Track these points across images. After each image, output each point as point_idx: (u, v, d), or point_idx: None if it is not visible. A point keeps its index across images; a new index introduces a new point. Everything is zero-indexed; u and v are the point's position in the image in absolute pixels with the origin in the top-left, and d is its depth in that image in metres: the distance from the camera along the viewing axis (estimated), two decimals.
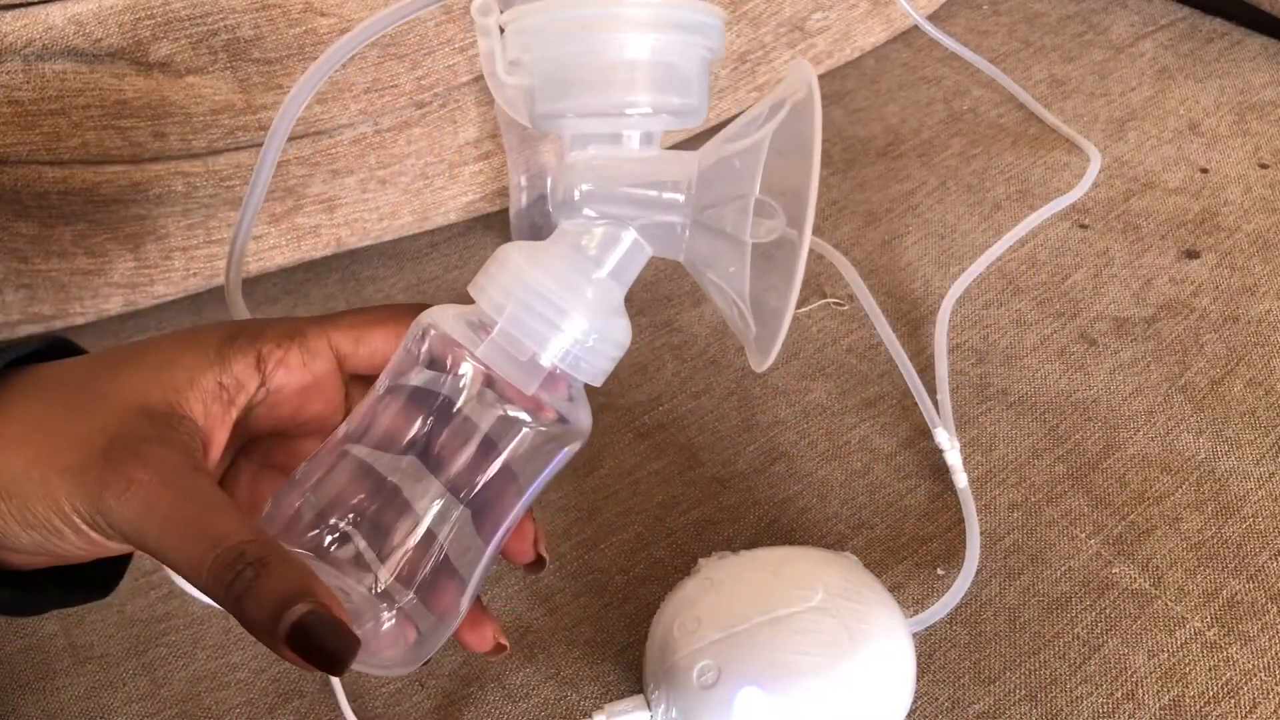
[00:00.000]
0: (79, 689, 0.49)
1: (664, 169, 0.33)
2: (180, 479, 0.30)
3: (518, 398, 0.33)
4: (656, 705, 0.44)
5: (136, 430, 0.31)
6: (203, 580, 0.29)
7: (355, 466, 0.33)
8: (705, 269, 0.34)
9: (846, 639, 0.43)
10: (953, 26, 0.85)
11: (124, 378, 0.32)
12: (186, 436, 0.31)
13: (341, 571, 0.32)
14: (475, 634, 0.36)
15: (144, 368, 0.32)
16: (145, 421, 0.31)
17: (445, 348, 0.33)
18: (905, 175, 0.74)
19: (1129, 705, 0.46)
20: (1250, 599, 0.50)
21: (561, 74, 0.33)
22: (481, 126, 0.68)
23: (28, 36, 0.56)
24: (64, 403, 0.32)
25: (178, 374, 0.32)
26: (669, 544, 0.53)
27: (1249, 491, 0.54)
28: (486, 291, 0.32)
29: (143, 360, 0.33)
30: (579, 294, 0.32)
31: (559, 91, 0.33)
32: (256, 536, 0.29)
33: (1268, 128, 0.75)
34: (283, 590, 0.28)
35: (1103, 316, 0.63)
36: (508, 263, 0.32)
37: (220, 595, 0.29)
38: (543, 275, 0.32)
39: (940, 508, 0.54)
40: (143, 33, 0.57)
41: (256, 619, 0.28)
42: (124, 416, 0.31)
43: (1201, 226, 0.68)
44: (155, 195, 0.61)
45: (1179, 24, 0.86)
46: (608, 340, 0.33)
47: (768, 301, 0.32)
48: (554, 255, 0.33)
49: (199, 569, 0.29)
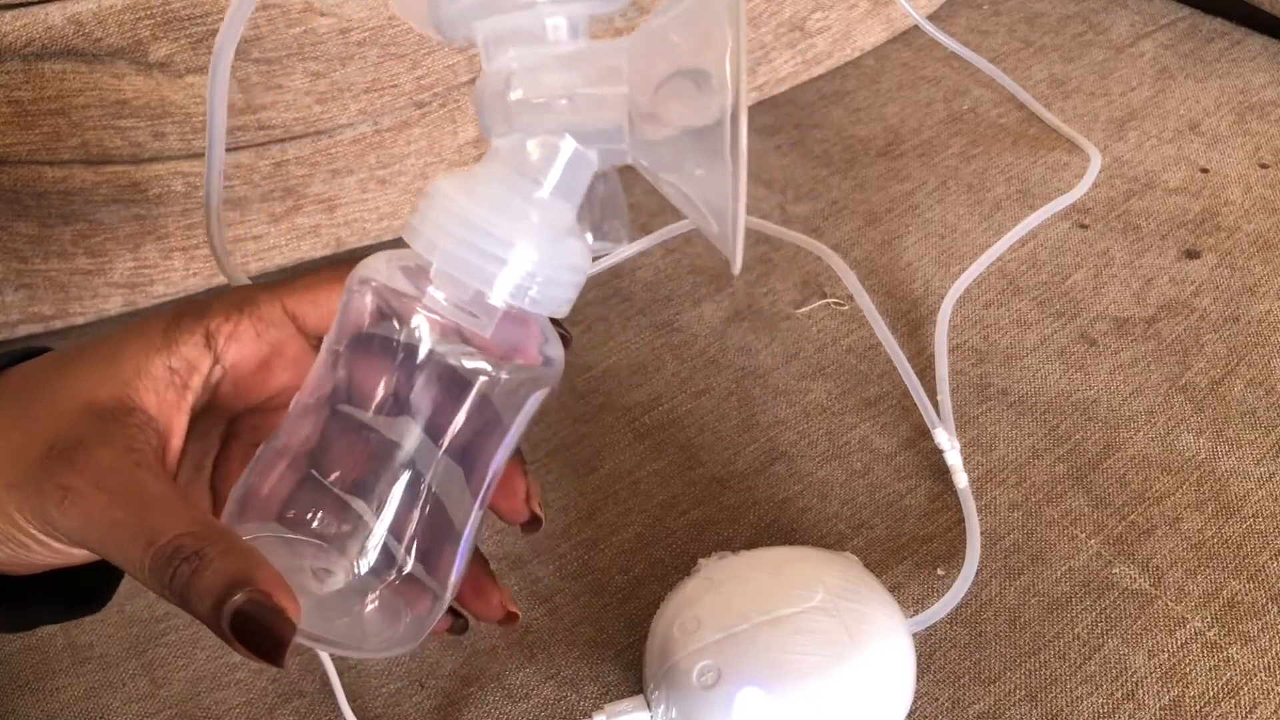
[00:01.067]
0: (78, 689, 0.49)
1: (596, 61, 0.29)
2: (115, 479, 0.29)
3: (479, 342, 0.30)
4: (656, 705, 0.44)
5: (75, 432, 0.30)
6: (148, 580, 0.28)
7: (322, 431, 0.31)
8: (658, 170, 0.30)
9: (847, 639, 0.43)
10: (953, 26, 0.85)
11: (71, 376, 0.32)
12: (135, 429, 0.31)
13: (325, 544, 0.30)
14: (482, 602, 0.35)
15: (93, 363, 0.32)
16: (87, 421, 0.30)
17: (390, 299, 0.30)
18: (905, 175, 0.74)
19: (1129, 705, 0.46)
20: (1251, 599, 0.50)
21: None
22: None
23: (27, 36, 0.56)
24: (11, 409, 0.31)
25: (124, 365, 0.31)
26: (669, 544, 0.53)
27: (1249, 491, 0.54)
28: (419, 232, 0.29)
29: (91, 356, 0.32)
30: (522, 219, 0.29)
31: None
32: (194, 529, 0.28)
33: (1268, 128, 0.75)
34: (222, 581, 0.27)
35: (1103, 316, 0.63)
36: (438, 195, 0.29)
37: (164, 593, 0.28)
38: (478, 205, 0.29)
39: (940, 508, 0.54)
40: (142, 32, 0.57)
41: (202, 614, 0.27)
42: (66, 418, 0.30)
43: (1202, 226, 0.68)
44: (155, 195, 0.61)
45: (1179, 24, 0.86)
46: (562, 266, 0.29)
47: (715, 196, 0.28)
48: (488, 180, 0.29)
49: (141, 569, 0.28)
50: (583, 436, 0.58)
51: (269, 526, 0.31)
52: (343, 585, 0.30)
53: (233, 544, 0.29)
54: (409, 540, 0.31)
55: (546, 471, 0.57)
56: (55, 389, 0.31)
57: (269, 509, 0.31)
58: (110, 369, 0.31)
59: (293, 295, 0.33)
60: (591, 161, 0.30)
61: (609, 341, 0.63)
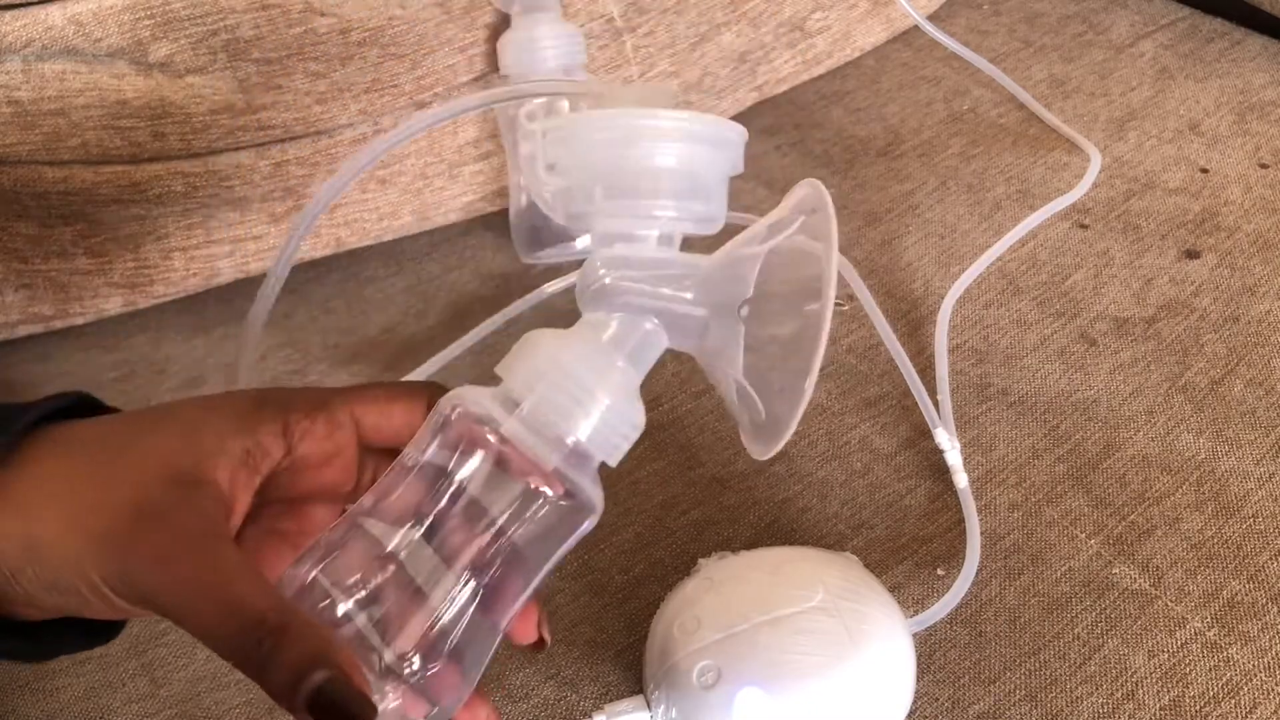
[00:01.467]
0: (78, 689, 0.49)
1: (677, 267, 0.36)
2: (203, 546, 0.30)
3: (533, 475, 0.34)
4: (656, 705, 0.44)
5: (162, 497, 0.31)
6: (225, 648, 0.29)
7: (367, 543, 0.34)
8: (716, 359, 0.37)
9: (847, 639, 0.43)
10: (953, 26, 0.85)
11: (151, 441, 0.33)
12: (211, 502, 0.32)
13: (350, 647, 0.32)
14: (468, 713, 0.36)
15: (172, 431, 0.33)
16: (171, 487, 0.31)
17: (468, 426, 0.34)
18: (905, 175, 0.74)
19: (1129, 705, 0.46)
20: (1250, 599, 0.50)
21: (596, 178, 0.36)
22: (481, 126, 0.68)
23: (27, 36, 0.56)
24: (91, 466, 0.32)
25: (206, 439, 0.32)
26: (669, 544, 0.53)
27: (1249, 491, 0.54)
28: (516, 372, 0.34)
29: (171, 423, 0.33)
30: (604, 376, 0.34)
31: (591, 194, 0.36)
32: (276, 604, 0.30)
33: (1268, 128, 0.75)
34: (302, 657, 0.29)
35: (1103, 316, 0.63)
36: (537, 345, 0.35)
37: (241, 663, 0.29)
38: (571, 358, 0.34)
39: (940, 508, 0.54)
40: (142, 33, 0.57)
41: (277, 686, 0.29)
42: (150, 482, 0.31)
43: (1202, 227, 0.68)
44: (155, 195, 0.61)
45: (1179, 24, 0.86)
46: (626, 421, 0.35)
47: (777, 387, 0.36)
48: (580, 340, 0.35)
49: (220, 637, 0.29)
50: None
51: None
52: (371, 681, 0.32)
53: (308, 623, 0.30)
54: (426, 653, 0.33)
55: None
56: (134, 451, 0.32)
57: (305, 604, 0.33)
58: (190, 440, 0.32)
59: (363, 404, 0.35)
60: (664, 342, 0.37)
61: None
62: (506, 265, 0.69)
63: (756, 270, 0.36)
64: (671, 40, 0.71)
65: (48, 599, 0.31)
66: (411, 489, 0.34)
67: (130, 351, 0.64)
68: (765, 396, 0.37)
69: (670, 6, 0.71)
